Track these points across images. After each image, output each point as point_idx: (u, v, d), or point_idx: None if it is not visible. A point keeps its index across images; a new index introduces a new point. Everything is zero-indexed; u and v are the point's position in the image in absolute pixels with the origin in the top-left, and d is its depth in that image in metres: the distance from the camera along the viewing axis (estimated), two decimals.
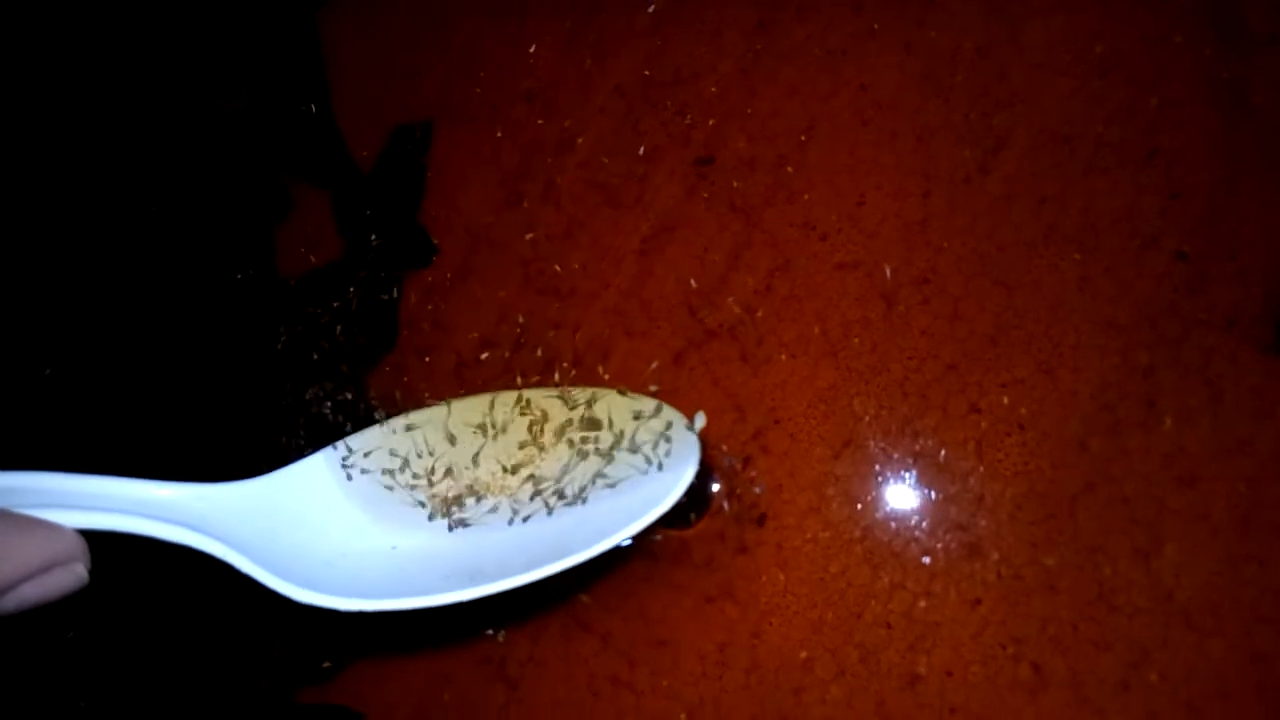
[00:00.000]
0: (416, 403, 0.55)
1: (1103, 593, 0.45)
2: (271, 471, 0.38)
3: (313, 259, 0.58)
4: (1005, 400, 0.47)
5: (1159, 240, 0.46)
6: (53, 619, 0.55)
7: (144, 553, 0.32)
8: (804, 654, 0.48)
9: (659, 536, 0.50)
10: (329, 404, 0.55)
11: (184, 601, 0.55)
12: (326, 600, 0.33)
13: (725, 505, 0.50)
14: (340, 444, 0.43)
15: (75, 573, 0.27)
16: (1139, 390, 0.46)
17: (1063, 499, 0.46)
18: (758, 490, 0.49)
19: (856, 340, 0.50)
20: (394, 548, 0.40)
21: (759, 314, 0.51)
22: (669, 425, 0.44)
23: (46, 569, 0.26)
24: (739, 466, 0.50)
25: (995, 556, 0.46)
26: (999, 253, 0.48)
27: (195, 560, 0.33)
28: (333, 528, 0.38)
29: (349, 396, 0.55)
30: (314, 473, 0.40)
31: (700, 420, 0.44)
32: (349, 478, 0.41)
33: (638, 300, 0.54)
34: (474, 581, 0.36)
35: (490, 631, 0.52)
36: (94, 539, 0.30)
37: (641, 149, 0.55)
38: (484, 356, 0.55)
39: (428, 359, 0.56)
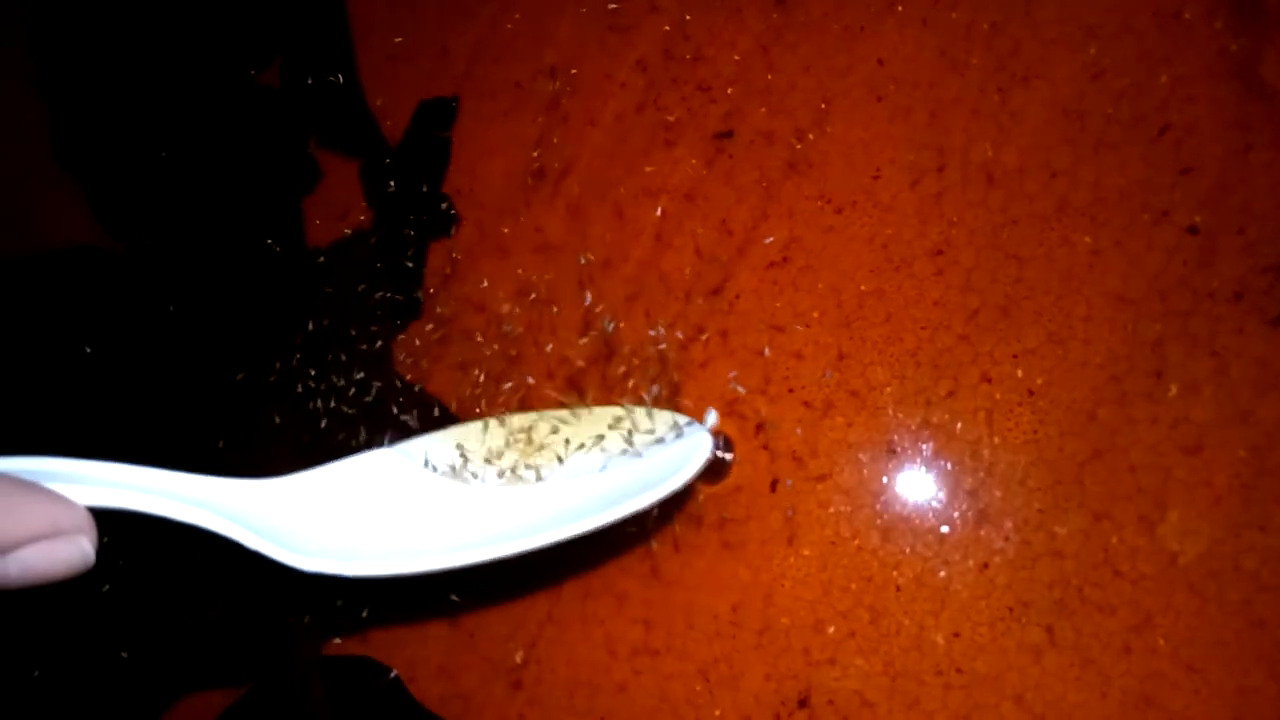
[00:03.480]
0: (439, 368, 0.57)
1: (1108, 558, 0.46)
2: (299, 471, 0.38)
3: (340, 228, 0.59)
4: (1016, 370, 0.48)
5: (1169, 214, 0.47)
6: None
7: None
8: (815, 616, 0.49)
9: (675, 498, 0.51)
10: (353, 384, 0.57)
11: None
12: (335, 567, 0.33)
13: (739, 471, 0.51)
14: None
15: (80, 546, 0.26)
16: (1147, 361, 0.46)
17: (1070, 467, 0.47)
18: (763, 449, 0.51)
19: (870, 311, 0.51)
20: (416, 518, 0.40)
21: (775, 285, 0.52)
22: (681, 423, 0.45)
23: (50, 536, 0.26)
24: (753, 434, 0.51)
25: (1004, 523, 0.48)
26: (1011, 226, 0.49)
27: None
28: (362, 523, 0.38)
29: (368, 375, 0.57)
30: (338, 476, 0.39)
31: (712, 418, 0.45)
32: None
33: (656, 271, 0.55)
34: (493, 545, 0.37)
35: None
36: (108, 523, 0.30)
37: (662, 123, 0.56)
38: (505, 327, 0.56)
39: (451, 327, 0.57)
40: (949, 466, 0.49)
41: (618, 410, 0.45)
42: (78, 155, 0.64)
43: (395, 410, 0.55)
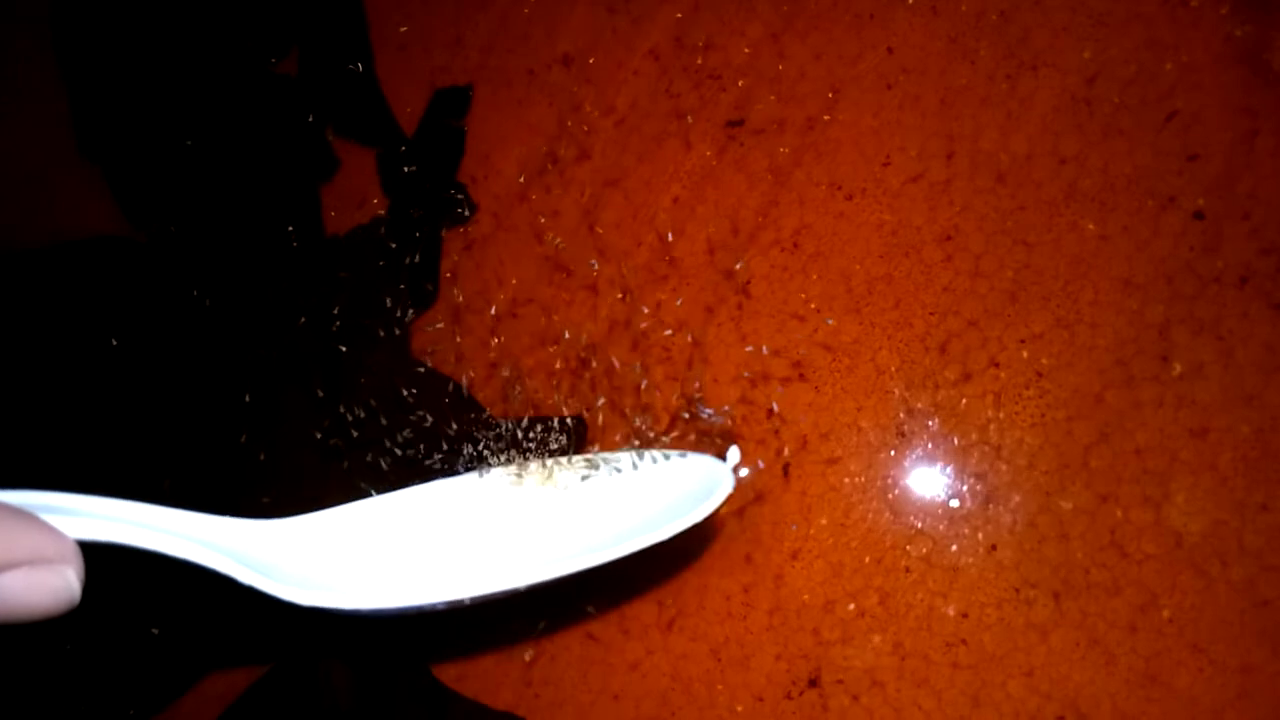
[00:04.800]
0: (455, 354, 0.57)
1: (1114, 539, 0.47)
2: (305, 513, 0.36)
3: (357, 216, 0.60)
4: (1024, 354, 0.49)
5: (1176, 200, 0.48)
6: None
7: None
8: (825, 596, 0.50)
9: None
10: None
11: None
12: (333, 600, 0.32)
13: (751, 455, 0.52)
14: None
15: (64, 577, 0.24)
16: (1153, 345, 0.47)
17: (1077, 449, 0.48)
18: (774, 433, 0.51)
19: (880, 297, 0.52)
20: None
21: (786, 271, 0.53)
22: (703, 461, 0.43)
23: (32, 563, 0.24)
24: (764, 418, 0.52)
25: (1011, 504, 0.48)
26: (1020, 212, 0.50)
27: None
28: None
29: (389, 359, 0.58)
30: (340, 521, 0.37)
31: (735, 455, 0.44)
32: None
33: (669, 257, 0.55)
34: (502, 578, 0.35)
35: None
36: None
37: (674, 111, 0.56)
38: (519, 312, 0.57)
39: (467, 314, 0.58)
40: (957, 449, 0.49)
41: (640, 453, 0.44)
42: (100, 145, 0.65)
43: (410, 397, 0.56)
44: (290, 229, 0.60)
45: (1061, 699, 0.47)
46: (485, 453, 0.49)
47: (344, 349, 0.58)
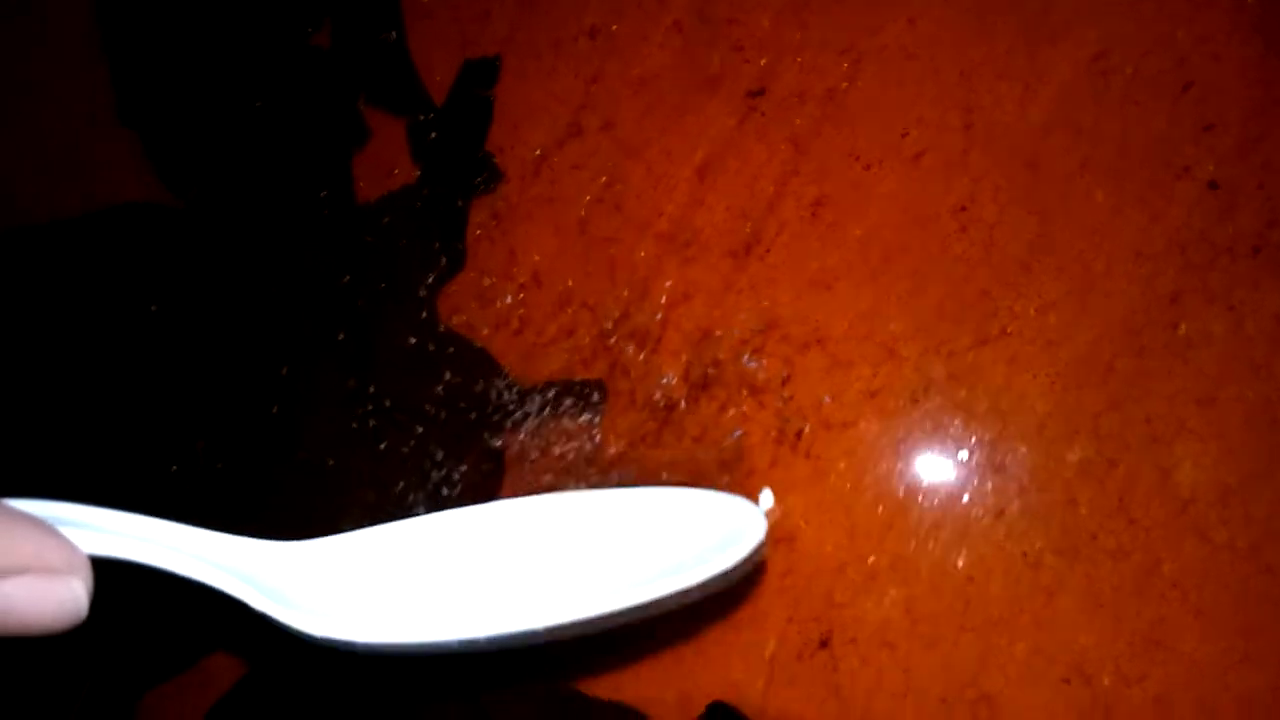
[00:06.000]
0: (480, 319, 0.59)
1: (1122, 504, 0.47)
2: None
3: (388, 185, 0.62)
4: (1036, 323, 0.50)
5: (1191, 170, 0.48)
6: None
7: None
8: (837, 560, 0.51)
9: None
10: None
11: None
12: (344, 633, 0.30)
13: (765, 420, 0.53)
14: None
15: (71, 588, 0.23)
16: (1165, 315, 0.48)
17: (1087, 416, 0.48)
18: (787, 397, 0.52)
19: (896, 265, 0.52)
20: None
21: (804, 240, 0.54)
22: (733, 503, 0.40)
23: (38, 571, 0.23)
24: (779, 384, 0.53)
25: (1021, 470, 0.49)
26: (1035, 182, 0.50)
27: None
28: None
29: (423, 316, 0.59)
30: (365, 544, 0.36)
31: (767, 499, 0.43)
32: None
33: (690, 227, 0.57)
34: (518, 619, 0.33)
35: None
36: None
37: (696, 82, 0.57)
38: (543, 279, 0.59)
39: (492, 280, 0.60)
40: (969, 416, 0.50)
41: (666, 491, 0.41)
42: (140, 112, 0.67)
43: (441, 362, 0.57)
44: (322, 196, 0.61)
45: (1067, 661, 0.47)
46: (510, 416, 0.50)
47: (372, 314, 0.59)
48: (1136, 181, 0.49)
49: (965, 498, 0.50)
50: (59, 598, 0.23)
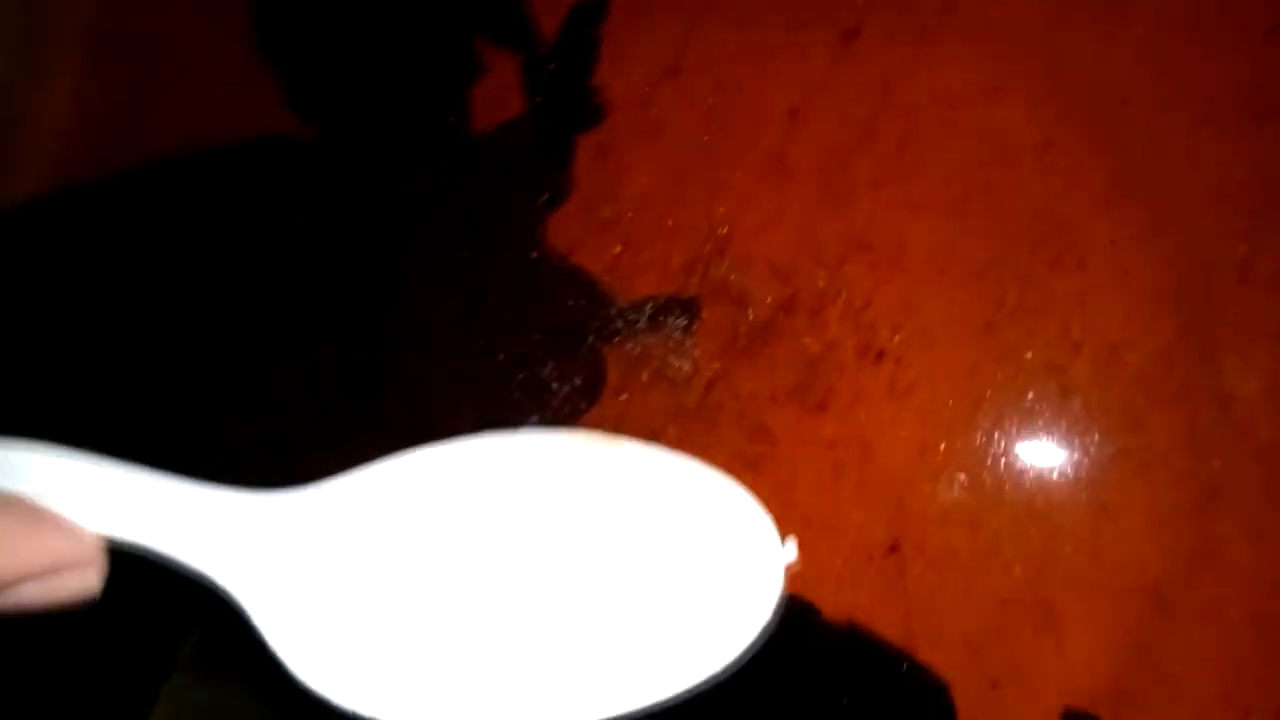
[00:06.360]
0: (584, 246, 0.63)
1: (1187, 431, 0.50)
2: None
3: (500, 117, 0.67)
4: (1112, 256, 0.52)
5: (1274, 112, 0.50)
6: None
7: None
8: (911, 472, 0.55)
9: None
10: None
11: None
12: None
13: (844, 334, 0.57)
14: None
15: (85, 579, 0.23)
16: (1235, 251, 0.50)
17: (1157, 347, 0.51)
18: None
19: (977, 200, 0.55)
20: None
21: (890, 175, 0.57)
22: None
23: (54, 571, 0.22)
24: (861, 305, 0.57)
25: (1089, 397, 0.52)
26: (1118, 121, 0.53)
27: None
28: None
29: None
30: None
31: (791, 549, 0.33)
32: None
33: (780, 163, 0.60)
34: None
35: None
36: None
37: (794, 21, 0.61)
38: (645, 207, 0.63)
39: (595, 210, 0.64)
40: (1041, 342, 0.53)
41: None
42: (277, 41, 0.72)
43: (548, 280, 0.62)
44: (450, 121, 0.66)
45: (1128, 573, 0.51)
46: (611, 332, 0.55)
47: (489, 234, 0.64)
48: (1219, 122, 0.51)
49: (1036, 419, 0.53)
50: (72, 590, 0.23)
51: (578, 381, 0.60)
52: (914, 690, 0.54)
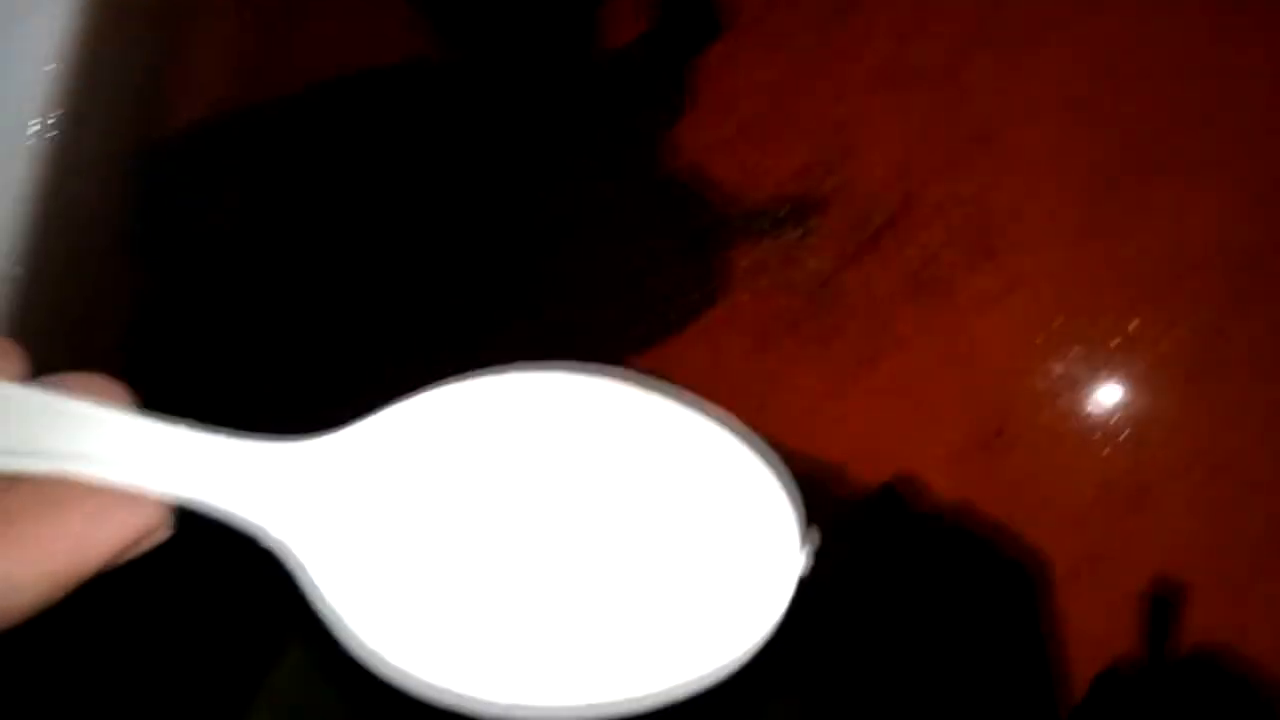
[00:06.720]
0: (705, 154, 0.68)
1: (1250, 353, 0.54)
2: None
3: (636, 30, 0.71)
4: (1196, 179, 0.56)
5: None
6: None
7: None
8: (1015, 363, 0.59)
9: None
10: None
11: None
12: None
13: (959, 239, 0.61)
14: None
15: (153, 540, 0.23)
16: None
17: (1243, 252, 0.55)
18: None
19: (1091, 109, 0.59)
20: None
21: (1003, 81, 0.61)
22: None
23: (134, 548, 0.23)
24: (976, 214, 0.61)
25: (1179, 304, 0.56)
26: (1195, 94, 0.56)
27: None
28: None
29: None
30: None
31: (815, 537, 0.32)
32: None
33: (896, 66, 0.64)
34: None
35: None
36: None
37: None
38: (766, 116, 0.67)
39: (722, 120, 0.68)
40: (1141, 242, 0.57)
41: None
42: None
43: (679, 181, 0.67)
44: (574, 45, 0.71)
45: (1212, 459, 0.55)
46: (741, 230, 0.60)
47: (626, 139, 0.69)
48: None
49: (1131, 323, 0.57)
50: (141, 550, 0.23)
51: (706, 281, 0.65)
52: (1015, 564, 0.59)
